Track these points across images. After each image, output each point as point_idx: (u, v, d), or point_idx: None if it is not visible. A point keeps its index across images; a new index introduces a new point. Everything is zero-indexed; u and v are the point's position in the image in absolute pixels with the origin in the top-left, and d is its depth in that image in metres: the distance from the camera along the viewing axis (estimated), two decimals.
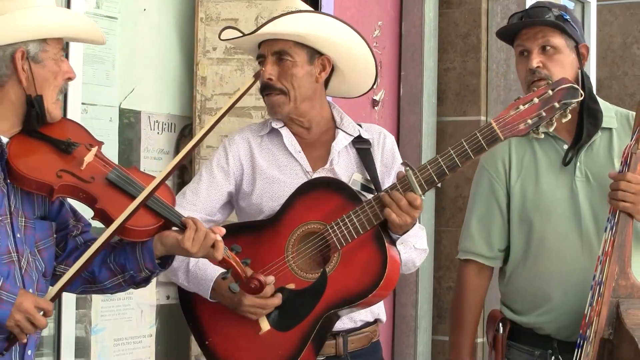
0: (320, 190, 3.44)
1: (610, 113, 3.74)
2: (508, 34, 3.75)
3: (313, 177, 3.51)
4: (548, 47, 3.62)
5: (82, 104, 4.56)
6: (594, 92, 3.75)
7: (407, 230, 3.35)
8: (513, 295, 3.77)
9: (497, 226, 3.76)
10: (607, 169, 3.61)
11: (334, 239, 3.32)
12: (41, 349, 4.40)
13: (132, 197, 2.94)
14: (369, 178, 3.53)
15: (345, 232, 3.30)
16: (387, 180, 3.57)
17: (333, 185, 3.44)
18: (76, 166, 2.95)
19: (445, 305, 5.89)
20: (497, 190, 3.76)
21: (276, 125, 3.58)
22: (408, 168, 3.23)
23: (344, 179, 3.49)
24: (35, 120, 2.94)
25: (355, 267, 3.34)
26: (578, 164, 3.67)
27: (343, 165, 3.57)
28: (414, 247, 3.58)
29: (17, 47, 2.90)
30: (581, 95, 3.30)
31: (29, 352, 2.97)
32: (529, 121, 3.26)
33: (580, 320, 3.44)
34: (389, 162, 3.65)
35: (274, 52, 3.49)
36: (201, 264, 3.38)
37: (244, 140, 3.62)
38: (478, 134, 3.27)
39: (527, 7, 5.66)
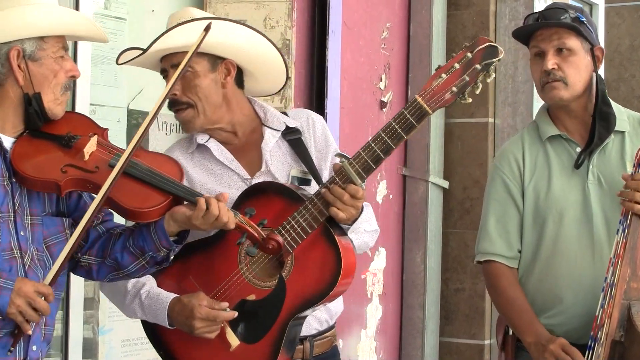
0: (260, 196, 3.33)
1: (623, 116, 3.73)
2: (524, 35, 3.74)
3: (251, 184, 3.41)
4: (564, 49, 3.61)
5: (90, 104, 4.56)
6: (606, 95, 3.76)
7: (356, 219, 3.29)
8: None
9: (516, 225, 3.74)
10: (619, 172, 3.60)
11: (285, 243, 3.23)
12: (50, 350, 4.42)
13: (137, 180, 2.94)
14: (306, 170, 3.47)
15: (293, 234, 3.21)
16: (323, 165, 3.52)
17: (272, 189, 3.34)
18: (80, 159, 2.94)
19: (453, 307, 5.90)
20: (513, 189, 3.75)
21: (202, 140, 3.47)
22: (343, 159, 3.16)
23: (283, 178, 3.43)
24: (35, 118, 2.94)
25: (311, 267, 3.27)
26: (590, 167, 3.67)
27: (278, 164, 3.49)
28: (364, 231, 3.49)
29: (13, 46, 2.89)
30: (501, 53, 3.21)
31: (34, 347, 2.95)
32: (454, 89, 3.14)
33: (590, 322, 3.44)
34: (323, 147, 3.56)
35: (172, 65, 3.36)
36: (152, 293, 3.31)
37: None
38: (405, 112, 3.15)
39: (535, 9, 5.72)
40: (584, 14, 3.70)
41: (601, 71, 3.78)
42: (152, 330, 3.44)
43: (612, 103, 3.74)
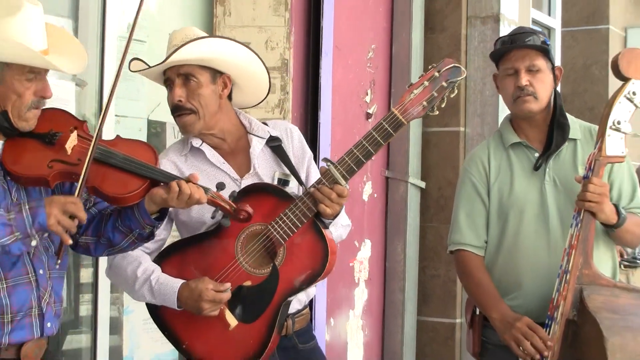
0: (255, 195, 3.32)
1: (576, 126, 3.75)
2: (498, 55, 3.73)
3: (243, 185, 3.42)
4: (534, 68, 3.63)
5: (116, 115, 4.57)
6: (563, 107, 3.77)
7: (337, 215, 3.33)
8: None
9: (483, 220, 3.76)
10: (572, 174, 3.63)
11: (277, 235, 3.25)
12: (80, 327, 4.43)
13: (115, 168, 2.91)
14: (287, 172, 3.48)
15: (285, 228, 3.24)
16: (301, 168, 3.54)
17: (265, 189, 3.36)
18: (63, 153, 2.89)
19: (429, 291, 5.90)
20: (480, 189, 3.76)
21: (196, 143, 3.47)
22: (329, 163, 3.21)
23: (268, 179, 3.45)
24: (7, 130, 2.88)
25: (302, 255, 3.30)
26: (547, 169, 3.68)
27: (264, 167, 3.50)
28: (341, 225, 3.54)
29: None
30: (463, 73, 3.26)
31: (48, 324, 2.93)
32: (424, 103, 3.22)
33: (546, 304, 3.46)
34: (299, 153, 3.58)
35: (179, 74, 3.38)
36: (162, 279, 3.30)
37: (170, 162, 3.49)
38: (384, 122, 3.21)
39: (500, 33, 5.71)
40: (546, 38, 3.73)
41: (558, 86, 3.79)
42: (156, 314, 3.43)
43: (567, 115, 3.76)
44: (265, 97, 3.69)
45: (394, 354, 5.82)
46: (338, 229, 3.49)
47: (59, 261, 2.84)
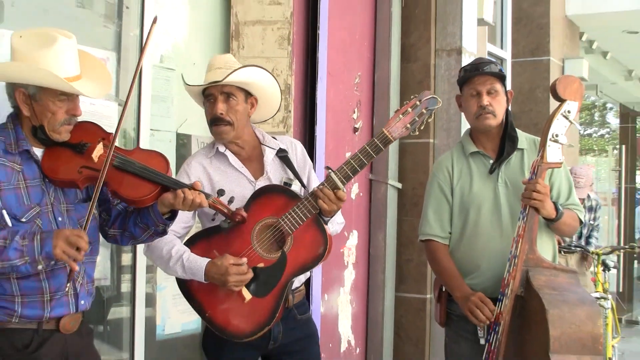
0: (269, 194, 3.40)
1: (523, 138, 3.77)
2: (464, 80, 3.74)
3: (258, 186, 3.46)
4: (493, 91, 3.66)
5: (150, 130, 4.54)
6: (513, 123, 3.79)
7: (335, 214, 3.39)
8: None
9: (447, 215, 3.77)
10: (520, 177, 3.65)
11: (286, 227, 3.30)
12: (121, 301, 4.41)
13: (134, 175, 2.90)
14: (292, 177, 3.51)
15: (293, 221, 3.30)
16: (303, 175, 3.58)
17: (277, 190, 3.41)
18: (91, 161, 2.88)
19: (404, 272, 5.91)
20: (445, 189, 3.78)
21: (222, 149, 3.51)
22: (330, 170, 3.30)
23: (277, 182, 3.48)
24: (44, 140, 2.87)
25: (306, 244, 3.35)
26: (500, 173, 3.70)
27: (274, 172, 3.54)
28: (337, 223, 3.61)
29: (18, 87, 2.80)
30: (439, 103, 3.39)
31: (82, 302, 2.93)
32: (408, 125, 3.32)
33: (499, 283, 3.49)
34: (301, 163, 3.63)
35: (222, 92, 3.40)
36: (192, 258, 3.32)
37: (198, 163, 3.52)
38: (376, 140, 3.31)
39: (462, 63, 5.72)
40: (502, 67, 3.76)
41: (510, 106, 3.81)
42: (185, 289, 3.46)
43: (516, 129, 3.78)
44: (274, 115, 3.74)
45: (376, 323, 5.82)
46: (334, 226, 3.55)
47: (69, 284, 2.82)
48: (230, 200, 3.08)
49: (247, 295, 3.31)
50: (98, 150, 2.90)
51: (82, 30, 4.11)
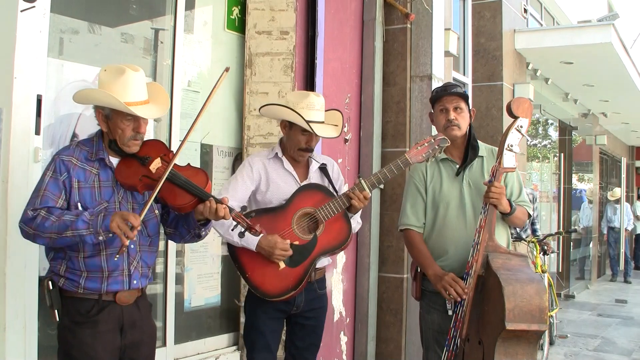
0: (311, 190, 3.55)
1: (482, 147, 3.78)
2: (434, 99, 3.75)
3: (303, 184, 3.59)
4: (458, 108, 3.67)
5: (179, 140, 4.54)
6: (475, 135, 3.78)
7: (359, 212, 3.59)
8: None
9: (422, 209, 3.76)
10: (481, 179, 3.65)
11: (321, 216, 3.47)
12: (157, 279, 4.41)
13: (178, 186, 2.92)
14: (327, 184, 3.67)
15: (327, 212, 3.46)
16: (335, 185, 3.71)
17: (318, 187, 3.58)
18: (150, 172, 2.92)
19: (386, 256, 5.90)
20: (420, 188, 3.77)
21: (280, 155, 3.64)
22: (361, 177, 3.50)
23: None
24: (118, 152, 2.95)
25: (334, 232, 3.50)
26: (464, 176, 3.70)
27: (315, 179, 3.67)
28: (357, 221, 3.74)
29: (98, 109, 2.92)
30: (448, 142, 3.57)
31: (134, 281, 2.96)
32: (424, 155, 3.54)
33: (464, 265, 3.48)
34: (336, 177, 3.77)
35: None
36: None
37: (260, 160, 3.63)
38: (399, 162, 3.51)
39: (433, 86, 5.73)
40: (466, 90, 3.78)
41: (472, 121, 3.80)
42: (234, 252, 3.54)
43: (477, 140, 3.77)
44: (341, 133, 3.78)
45: (363, 298, 5.81)
46: (354, 223, 3.68)
47: (117, 256, 2.83)
48: (249, 215, 3.09)
49: (282, 264, 3.44)
50: (156, 164, 2.95)
51: (125, 60, 4.12)
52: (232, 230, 3.17)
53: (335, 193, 3.61)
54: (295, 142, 3.57)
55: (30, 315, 3.47)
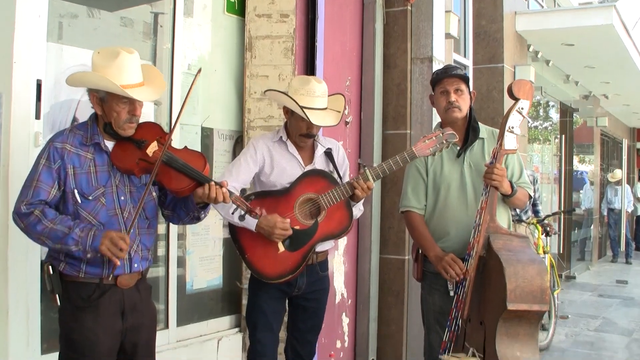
0: (314, 176, 3.53)
1: (483, 129, 3.76)
2: (434, 81, 3.72)
3: (307, 169, 3.56)
4: (459, 90, 3.64)
5: (180, 124, 4.52)
6: (475, 117, 3.76)
7: (360, 200, 3.54)
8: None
9: (423, 191, 3.75)
10: (481, 161, 3.64)
11: (323, 203, 3.45)
12: (158, 263, 4.41)
13: (176, 170, 2.90)
14: (332, 170, 3.64)
15: (329, 200, 3.44)
16: (340, 170, 3.68)
17: (322, 174, 3.55)
18: (146, 155, 2.90)
19: (387, 238, 5.88)
20: (421, 171, 3.76)
21: (284, 138, 3.62)
22: (365, 166, 3.45)
23: None
24: (113, 135, 2.91)
25: (335, 219, 3.49)
26: (465, 157, 3.68)
27: (320, 163, 3.65)
28: (358, 209, 3.70)
29: (92, 92, 2.88)
30: (457, 137, 3.52)
31: (135, 265, 2.96)
32: (431, 149, 3.49)
33: (466, 246, 3.47)
34: (341, 161, 3.74)
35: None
36: None
37: (264, 143, 3.63)
38: (405, 154, 3.47)
39: (433, 69, 5.69)
40: (466, 72, 3.75)
41: (472, 103, 3.78)
42: (235, 232, 3.55)
43: (478, 122, 3.75)
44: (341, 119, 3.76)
45: (364, 280, 5.81)
46: (356, 210, 3.66)
47: (112, 272, 2.85)
48: (248, 198, 3.09)
49: (281, 248, 3.43)
50: (153, 147, 2.92)
51: (124, 44, 4.06)
52: (232, 213, 3.16)
53: (339, 181, 3.59)
54: (297, 128, 3.56)
55: (33, 299, 3.47)
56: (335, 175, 3.61)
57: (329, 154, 3.68)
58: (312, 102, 3.46)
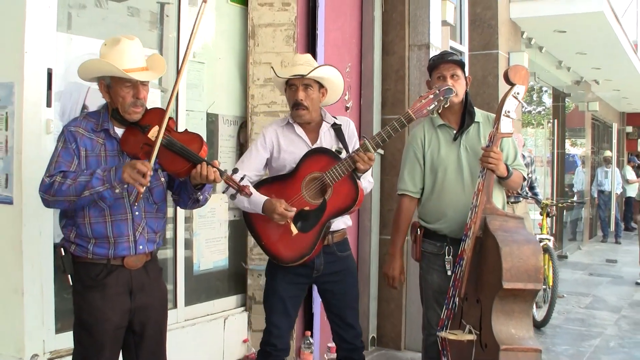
0: (317, 155, 3.48)
1: (478, 114, 3.76)
2: (431, 66, 3.72)
3: (309, 149, 3.52)
4: (455, 75, 3.63)
5: (186, 110, 4.55)
6: (471, 101, 3.76)
7: (366, 172, 3.44)
8: (425, 213, 3.76)
9: (419, 175, 3.75)
10: (477, 144, 3.63)
11: (328, 180, 3.39)
12: (167, 245, 4.42)
13: (174, 153, 2.91)
14: (341, 147, 3.54)
15: (334, 176, 3.37)
16: (349, 145, 3.61)
17: (324, 151, 3.48)
18: (149, 139, 2.91)
19: (386, 219, 5.89)
20: (418, 154, 3.76)
21: (291, 121, 3.60)
22: (365, 138, 3.36)
23: (328, 148, 3.53)
24: (121, 120, 2.94)
25: (342, 194, 3.41)
26: (462, 141, 3.68)
27: (326, 141, 3.59)
28: (367, 180, 3.63)
29: (100, 79, 2.93)
30: (455, 93, 3.42)
31: (140, 247, 2.97)
32: (428, 108, 3.35)
33: (463, 227, 3.47)
34: (351, 137, 3.67)
35: (303, 83, 3.51)
36: (256, 194, 3.41)
37: (273, 130, 3.62)
38: (401, 117, 3.34)
39: (430, 55, 5.68)
40: (462, 58, 3.74)
41: (468, 88, 3.77)
42: (249, 219, 3.56)
43: (474, 106, 3.75)
44: (339, 99, 3.77)
45: (365, 260, 5.83)
46: (365, 182, 3.57)
47: (136, 204, 2.90)
48: (242, 178, 3.02)
49: (294, 230, 3.41)
50: (154, 131, 2.92)
51: (132, 33, 4.02)
52: (224, 192, 3.19)
53: (344, 155, 3.56)
54: (290, 103, 3.58)
55: (47, 281, 3.49)
56: (344, 156, 3.57)
57: (338, 129, 3.63)
58: (292, 71, 3.49)
